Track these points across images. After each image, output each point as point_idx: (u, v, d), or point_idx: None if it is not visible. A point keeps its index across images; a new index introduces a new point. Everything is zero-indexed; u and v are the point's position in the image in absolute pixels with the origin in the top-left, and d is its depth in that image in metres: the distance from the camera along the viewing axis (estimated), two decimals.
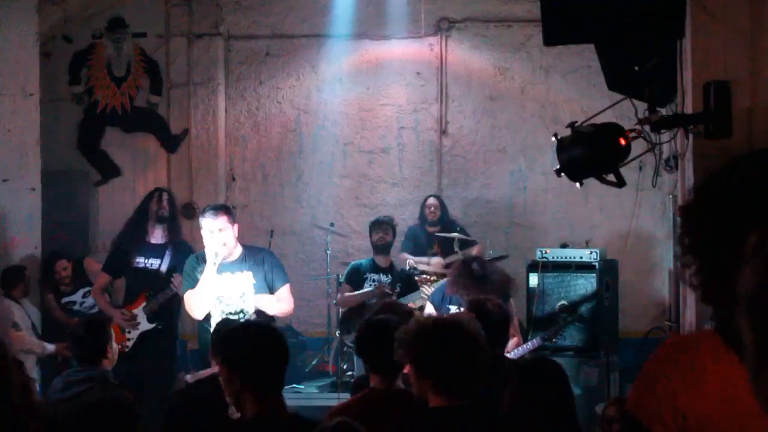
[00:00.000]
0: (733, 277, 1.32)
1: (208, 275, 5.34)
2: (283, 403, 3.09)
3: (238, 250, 5.53)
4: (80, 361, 4.38)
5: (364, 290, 7.08)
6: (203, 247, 5.48)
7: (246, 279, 5.47)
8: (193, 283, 5.46)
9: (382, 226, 7.27)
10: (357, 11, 8.96)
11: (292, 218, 9.14)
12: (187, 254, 6.14)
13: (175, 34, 9.11)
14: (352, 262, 7.50)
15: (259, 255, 5.64)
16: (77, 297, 7.50)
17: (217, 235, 5.37)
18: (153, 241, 6.67)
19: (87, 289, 7.37)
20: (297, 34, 9.17)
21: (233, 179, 9.25)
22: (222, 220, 5.39)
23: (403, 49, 9.08)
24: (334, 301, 7.72)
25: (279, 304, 5.56)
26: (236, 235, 5.51)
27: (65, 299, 7.51)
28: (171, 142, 9.08)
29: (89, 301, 7.36)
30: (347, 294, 7.19)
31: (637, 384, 1.69)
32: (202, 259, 5.47)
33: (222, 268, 5.41)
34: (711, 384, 1.56)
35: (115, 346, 4.46)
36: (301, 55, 9.18)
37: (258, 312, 5.43)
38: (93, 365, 4.28)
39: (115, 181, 9.11)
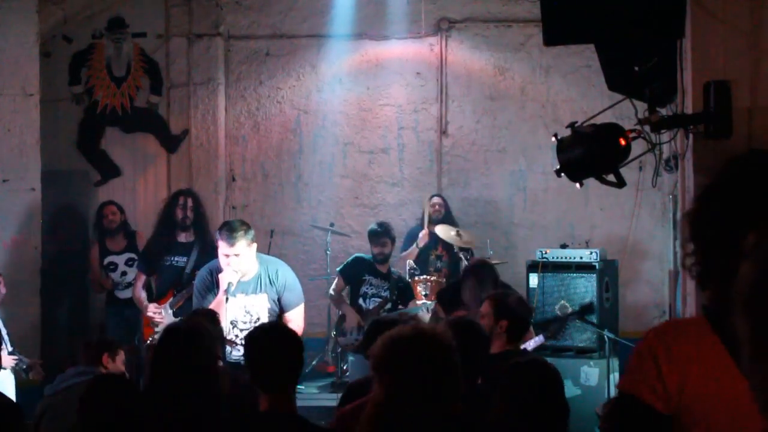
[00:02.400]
0: (730, 270, 1.36)
1: (219, 302, 5.15)
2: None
3: (254, 268, 5.29)
4: (82, 362, 4.70)
5: (350, 310, 7.14)
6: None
7: (261, 303, 5.28)
8: (201, 303, 5.32)
9: (380, 239, 7.15)
10: (357, 11, 8.96)
11: (292, 218, 9.14)
12: (213, 255, 6.10)
13: (175, 34, 9.11)
14: (357, 254, 7.51)
15: (274, 270, 5.36)
16: (120, 261, 7.76)
17: (233, 260, 5.14)
18: (179, 239, 6.67)
19: (131, 255, 7.56)
20: (297, 34, 9.17)
21: (233, 179, 9.25)
22: (239, 247, 5.12)
23: (403, 49, 9.08)
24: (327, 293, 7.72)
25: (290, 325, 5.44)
26: (254, 254, 5.26)
27: (109, 258, 7.72)
28: (171, 142, 9.08)
29: (129, 275, 7.59)
30: (337, 297, 7.29)
31: (628, 364, 1.77)
32: (215, 277, 5.28)
33: (237, 288, 5.22)
34: (696, 365, 1.64)
35: (116, 364, 4.70)
36: (301, 55, 9.18)
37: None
38: (91, 365, 4.59)
39: (115, 181, 9.10)
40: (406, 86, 9.10)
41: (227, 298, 5.15)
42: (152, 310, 6.45)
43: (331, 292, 7.45)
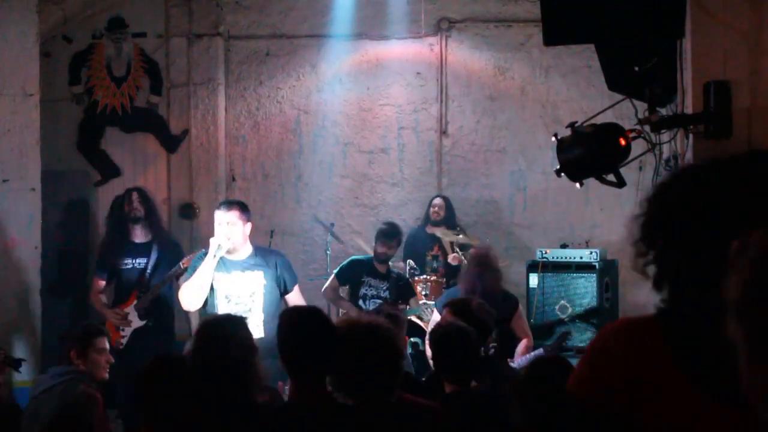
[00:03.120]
0: (686, 272, 1.42)
1: (206, 265, 5.26)
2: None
3: (248, 249, 5.48)
4: (59, 359, 4.74)
5: (349, 305, 7.00)
6: (197, 245, 5.47)
7: (257, 278, 5.43)
8: (192, 273, 5.43)
9: (390, 241, 7.06)
10: (357, 11, 8.96)
11: (292, 218, 9.14)
12: (174, 251, 6.33)
13: (175, 34, 9.11)
14: (353, 257, 7.46)
15: (271, 257, 5.60)
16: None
17: (225, 228, 5.34)
18: (137, 240, 6.90)
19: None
20: (297, 34, 9.17)
21: (233, 179, 9.25)
22: (232, 215, 5.37)
23: (403, 49, 9.07)
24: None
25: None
26: (248, 233, 5.47)
27: None
28: (171, 142, 9.08)
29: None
30: (332, 293, 7.12)
31: (579, 364, 1.72)
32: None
33: (232, 266, 5.39)
34: (637, 368, 1.60)
35: (90, 357, 4.62)
36: (301, 55, 9.18)
37: (267, 311, 5.39)
38: (65, 365, 4.59)
39: (115, 181, 9.09)
40: (406, 86, 9.10)
41: (215, 256, 5.26)
42: (111, 315, 6.63)
43: (327, 289, 7.17)
